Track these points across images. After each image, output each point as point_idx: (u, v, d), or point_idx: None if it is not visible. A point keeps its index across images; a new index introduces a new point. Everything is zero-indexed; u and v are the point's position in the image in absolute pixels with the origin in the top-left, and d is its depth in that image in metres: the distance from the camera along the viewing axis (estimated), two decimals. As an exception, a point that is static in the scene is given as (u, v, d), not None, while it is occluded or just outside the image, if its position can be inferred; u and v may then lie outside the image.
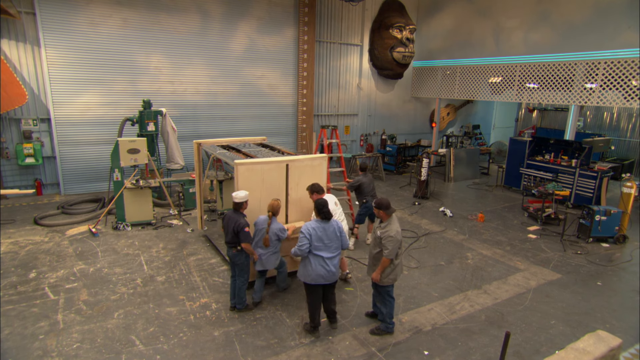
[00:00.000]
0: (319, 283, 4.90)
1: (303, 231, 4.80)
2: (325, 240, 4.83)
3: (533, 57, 11.99)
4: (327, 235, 4.84)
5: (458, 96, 14.69)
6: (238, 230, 5.14)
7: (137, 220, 8.53)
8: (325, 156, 6.47)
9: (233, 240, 5.24)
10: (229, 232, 5.22)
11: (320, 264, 4.83)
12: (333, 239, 4.87)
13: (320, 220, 4.87)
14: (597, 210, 8.36)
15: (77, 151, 10.59)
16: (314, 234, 4.79)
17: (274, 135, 13.29)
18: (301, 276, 4.97)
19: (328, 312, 5.24)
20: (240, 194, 5.28)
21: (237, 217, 5.20)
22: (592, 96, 10.77)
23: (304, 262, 4.94)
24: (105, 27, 10.36)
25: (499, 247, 8.16)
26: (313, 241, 4.78)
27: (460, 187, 13.08)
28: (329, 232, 4.85)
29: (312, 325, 5.09)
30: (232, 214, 5.28)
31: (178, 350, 4.76)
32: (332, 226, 4.88)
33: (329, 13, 14.10)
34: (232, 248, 5.31)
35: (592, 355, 4.02)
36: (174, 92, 11.61)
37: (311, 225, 4.84)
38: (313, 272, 4.84)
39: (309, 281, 4.90)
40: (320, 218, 4.87)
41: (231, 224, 5.18)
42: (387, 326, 5.17)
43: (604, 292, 6.50)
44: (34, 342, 4.81)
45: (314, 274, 4.85)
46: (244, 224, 5.16)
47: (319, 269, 4.82)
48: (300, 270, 4.99)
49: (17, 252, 7.19)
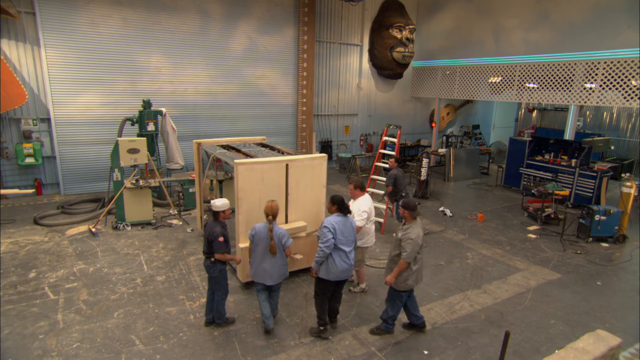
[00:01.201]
0: (340, 279, 4.89)
1: (327, 225, 4.75)
2: (346, 234, 4.84)
3: (533, 57, 12.00)
4: (347, 229, 4.86)
5: (458, 96, 14.69)
6: (212, 240, 4.88)
7: (137, 220, 8.53)
8: (325, 156, 6.48)
9: (208, 250, 4.95)
10: (206, 240, 4.98)
11: (343, 259, 4.81)
12: (351, 232, 4.91)
13: (340, 214, 4.88)
14: (597, 210, 8.36)
15: (77, 151, 10.59)
16: (337, 227, 4.76)
17: (273, 135, 13.29)
18: (322, 274, 4.86)
19: (332, 310, 5.19)
20: (218, 202, 4.97)
21: (213, 226, 4.94)
22: (592, 96, 10.77)
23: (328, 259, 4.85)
24: (105, 27, 10.36)
25: (498, 247, 8.16)
26: (337, 235, 4.75)
27: (460, 187, 13.08)
28: (348, 225, 4.89)
29: (323, 323, 5.03)
30: (211, 222, 5.02)
31: (178, 349, 4.76)
32: (349, 220, 4.93)
33: (328, 13, 14.10)
34: (207, 259, 5.00)
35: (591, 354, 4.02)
36: (174, 92, 11.61)
37: (333, 219, 4.81)
38: (337, 268, 4.80)
39: (332, 278, 4.84)
40: (339, 213, 4.89)
41: (207, 232, 4.95)
42: (388, 327, 5.16)
43: (603, 292, 6.50)
44: (34, 342, 4.81)
45: (337, 270, 4.81)
46: (218, 233, 4.88)
47: (342, 264, 4.81)
48: (323, 269, 4.86)
49: (17, 252, 7.19)
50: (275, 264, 5.00)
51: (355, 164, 13.32)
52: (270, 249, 4.92)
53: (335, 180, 13.29)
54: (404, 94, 16.71)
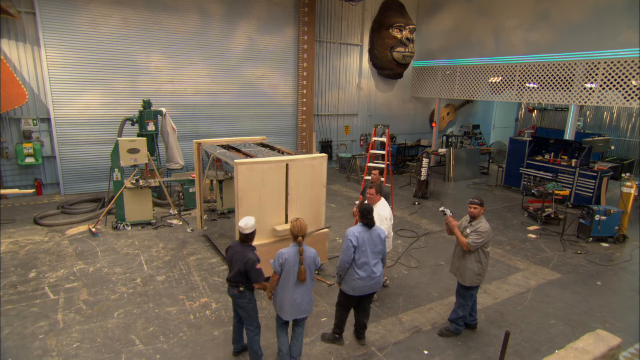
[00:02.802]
0: (364, 293, 4.64)
1: (349, 236, 4.49)
2: (370, 245, 4.57)
3: (533, 57, 12.00)
4: (372, 240, 4.59)
5: (458, 96, 14.69)
6: (248, 269, 4.12)
7: (137, 220, 8.53)
8: (325, 156, 6.47)
9: (236, 279, 4.22)
10: (233, 268, 4.23)
11: (366, 272, 4.54)
12: (377, 243, 4.63)
13: (363, 225, 4.61)
14: (597, 210, 8.36)
15: (77, 151, 10.59)
16: (360, 237, 4.51)
17: (273, 135, 13.30)
18: (344, 287, 4.64)
19: (359, 325, 4.94)
20: (250, 223, 4.21)
21: (245, 252, 4.18)
22: (592, 96, 10.77)
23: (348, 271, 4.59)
24: (106, 26, 10.36)
25: (498, 247, 8.16)
26: (359, 246, 4.49)
27: (460, 187, 13.08)
28: (374, 236, 4.62)
29: (339, 332, 4.85)
30: (239, 247, 4.27)
31: (178, 349, 4.76)
32: (375, 231, 4.64)
33: (328, 13, 14.10)
34: (233, 287, 4.28)
35: (591, 354, 4.03)
36: (174, 91, 11.61)
37: (356, 229, 4.56)
38: (360, 284, 4.55)
39: (356, 293, 4.59)
40: (363, 223, 4.61)
41: (238, 261, 4.16)
42: (457, 327, 5.16)
43: (603, 292, 6.50)
44: (34, 342, 4.81)
45: (360, 284, 4.55)
46: (255, 260, 4.13)
47: (366, 279, 4.55)
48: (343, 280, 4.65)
49: (17, 251, 7.19)
50: (307, 292, 4.27)
51: (355, 164, 13.32)
52: (299, 275, 4.12)
53: (335, 180, 13.29)
54: (404, 94, 16.71)
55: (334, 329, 4.92)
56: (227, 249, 4.39)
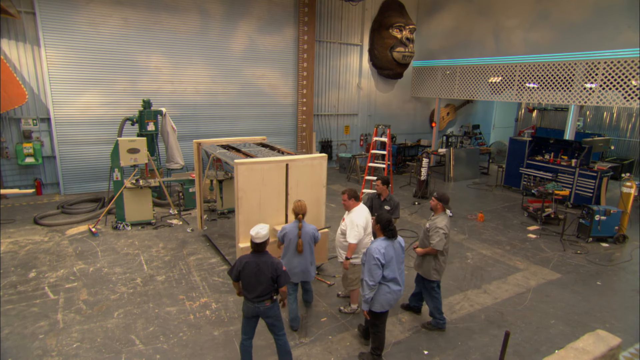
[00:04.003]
0: (391, 307, 4.47)
1: (374, 254, 4.18)
2: (395, 258, 4.36)
3: (533, 57, 12.00)
4: (396, 253, 4.37)
5: (458, 96, 14.69)
6: (278, 274, 4.03)
7: (137, 220, 8.53)
8: (325, 156, 6.47)
9: (266, 292, 4.05)
10: (260, 281, 4.01)
11: (397, 284, 4.38)
12: (400, 253, 4.45)
13: (387, 238, 4.35)
14: (597, 210, 8.36)
15: (77, 151, 10.59)
16: (386, 253, 4.25)
17: (274, 135, 13.29)
18: (377, 308, 4.36)
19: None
20: (262, 231, 4.05)
21: (267, 259, 4.05)
22: (592, 96, 10.77)
23: (377, 290, 4.32)
24: (106, 26, 10.36)
25: (498, 247, 8.16)
26: (387, 262, 4.25)
27: (460, 187, 13.08)
28: (397, 248, 4.40)
29: (379, 352, 4.60)
30: (256, 258, 4.04)
31: (178, 349, 4.76)
32: (397, 242, 4.43)
33: (328, 13, 14.10)
34: (265, 300, 4.07)
35: (591, 354, 4.02)
36: (174, 91, 11.61)
37: (380, 245, 4.26)
38: (390, 296, 4.36)
39: (386, 308, 4.39)
40: (386, 237, 4.34)
41: (265, 270, 4.00)
42: (437, 322, 5.27)
43: (603, 292, 6.50)
44: (34, 342, 4.81)
45: (391, 297, 4.37)
46: (280, 262, 4.12)
47: (396, 290, 4.38)
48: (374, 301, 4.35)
49: (17, 251, 7.19)
50: (306, 261, 5.07)
51: (355, 164, 13.33)
52: (298, 247, 4.95)
53: (335, 180, 13.29)
54: (404, 94, 16.71)
55: (374, 351, 4.60)
56: (243, 266, 4.02)
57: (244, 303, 4.16)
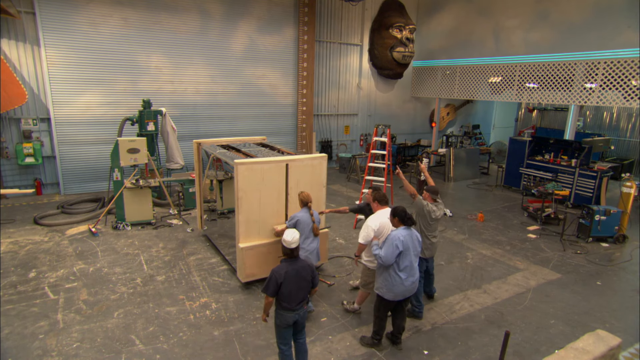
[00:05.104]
0: (404, 297, 4.61)
1: (395, 241, 4.37)
2: (412, 249, 4.50)
3: (533, 57, 12.00)
4: (413, 243, 4.51)
5: (458, 96, 14.69)
6: (314, 275, 4.12)
7: (137, 220, 8.53)
8: (325, 156, 6.47)
9: (306, 295, 4.08)
10: (301, 287, 4.00)
11: (410, 274, 4.51)
12: (417, 245, 4.59)
13: (407, 227, 4.52)
14: (597, 210, 8.36)
15: (77, 151, 10.59)
16: (405, 242, 4.40)
17: (274, 135, 13.29)
18: (384, 293, 4.55)
19: (398, 330, 4.89)
20: (296, 236, 4.05)
21: (302, 263, 4.07)
22: (592, 96, 10.77)
23: (388, 277, 4.49)
24: (106, 26, 10.36)
25: (498, 247, 8.16)
26: (404, 250, 4.40)
27: (460, 187, 13.08)
28: (414, 238, 4.54)
29: (380, 337, 4.83)
30: (294, 265, 4.00)
31: (178, 349, 4.76)
32: (414, 233, 4.59)
33: (328, 13, 14.10)
34: (303, 305, 4.11)
35: (591, 354, 4.03)
36: (174, 91, 11.61)
37: (401, 234, 4.43)
38: (402, 287, 4.50)
39: (397, 298, 4.54)
40: (404, 225, 4.52)
41: (304, 275, 4.01)
42: (414, 309, 5.45)
43: (603, 292, 6.50)
44: (34, 342, 4.81)
45: (402, 288, 4.51)
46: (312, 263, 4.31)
47: (407, 282, 4.50)
48: (382, 286, 4.56)
49: (17, 251, 7.19)
50: (317, 243, 5.50)
51: (355, 164, 13.32)
52: (314, 230, 5.37)
53: (335, 180, 13.29)
54: (404, 94, 16.71)
55: (374, 335, 4.84)
56: (284, 277, 3.89)
57: (281, 314, 4.01)
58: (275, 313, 4.08)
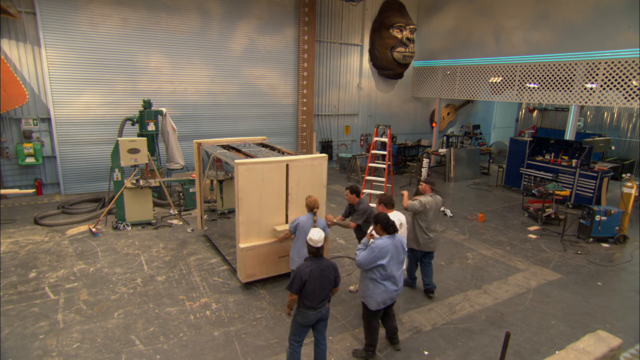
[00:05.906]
0: (387, 305, 4.53)
1: (375, 251, 4.27)
2: (396, 257, 4.42)
3: (533, 57, 11.99)
4: (397, 251, 4.43)
5: (458, 96, 14.68)
6: (337, 274, 4.17)
7: (137, 220, 8.53)
8: (325, 156, 6.47)
9: (328, 294, 4.16)
10: (324, 286, 4.06)
11: (393, 283, 4.45)
12: (401, 252, 4.49)
13: (390, 236, 4.40)
14: (598, 210, 8.35)
15: (77, 151, 10.60)
16: (389, 250, 4.33)
17: (274, 135, 13.29)
18: (368, 302, 4.47)
19: (391, 331, 4.89)
20: (322, 235, 4.08)
21: (326, 262, 4.12)
22: (593, 96, 10.77)
23: (371, 286, 4.41)
24: (106, 26, 10.36)
25: (499, 247, 8.15)
26: (388, 259, 4.32)
27: (460, 187, 13.08)
28: (398, 246, 4.45)
29: (374, 349, 4.68)
30: (318, 263, 4.05)
31: (178, 350, 4.76)
32: (399, 240, 4.48)
33: (329, 13, 14.10)
34: (326, 303, 4.14)
35: (592, 355, 4.02)
36: (174, 91, 11.61)
37: (384, 242, 4.33)
38: (386, 295, 4.43)
39: (381, 306, 4.46)
40: (387, 234, 4.39)
41: (327, 274, 4.06)
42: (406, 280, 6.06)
43: (604, 292, 6.50)
44: (34, 342, 4.81)
45: (386, 296, 4.45)
46: (334, 262, 4.28)
47: (390, 290, 4.43)
48: (366, 295, 4.47)
49: (17, 251, 7.19)
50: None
51: (355, 164, 13.32)
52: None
53: (335, 180, 13.29)
54: (405, 94, 16.71)
55: (367, 347, 4.68)
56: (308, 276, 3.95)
57: (303, 312, 4.05)
58: (297, 311, 4.12)
